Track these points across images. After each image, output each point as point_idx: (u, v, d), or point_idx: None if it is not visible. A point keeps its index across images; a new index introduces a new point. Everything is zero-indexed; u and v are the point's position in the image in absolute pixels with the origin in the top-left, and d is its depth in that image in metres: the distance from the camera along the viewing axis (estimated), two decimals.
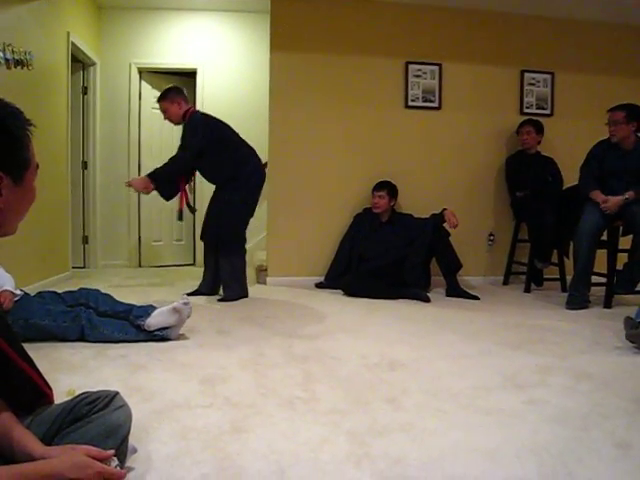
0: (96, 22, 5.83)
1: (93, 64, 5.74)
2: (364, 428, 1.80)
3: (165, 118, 4.19)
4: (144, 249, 6.15)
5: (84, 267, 5.81)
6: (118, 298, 3.03)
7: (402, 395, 2.12)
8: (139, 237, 6.11)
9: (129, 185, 4.10)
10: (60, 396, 1.46)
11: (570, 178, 4.69)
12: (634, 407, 2.02)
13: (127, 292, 4.02)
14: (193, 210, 4.59)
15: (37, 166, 1.16)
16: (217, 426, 1.79)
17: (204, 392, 2.12)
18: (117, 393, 1.39)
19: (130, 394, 1.93)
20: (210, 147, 4.05)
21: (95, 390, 1.40)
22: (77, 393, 1.39)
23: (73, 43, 5.04)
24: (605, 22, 5.34)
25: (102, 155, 5.91)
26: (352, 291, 4.39)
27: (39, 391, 1.28)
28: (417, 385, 2.25)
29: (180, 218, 4.36)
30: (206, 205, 4.32)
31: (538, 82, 5.31)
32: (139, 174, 6.01)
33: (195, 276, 5.39)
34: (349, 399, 2.07)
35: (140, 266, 6.10)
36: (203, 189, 5.85)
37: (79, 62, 5.55)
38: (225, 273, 4.19)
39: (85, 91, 5.76)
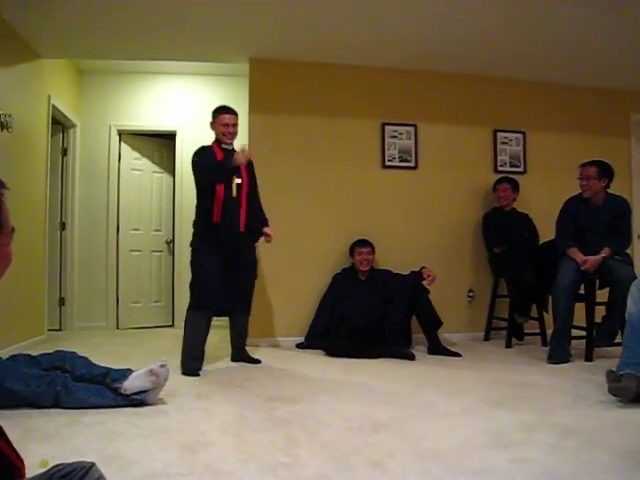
0: (77, 85, 5.93)
1: (73, 126, 5.80)
2: None
3: (231, 132, 3.92)
4: (122, 311, 6.05)
5: (60, 329, 5.68)
6: (95, 361, 2.96)
7: (387, 458, 2.07)
8: (117, 298, 6.02)
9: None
10: (32, 468, 1.40)
11: (545, 233, 4.78)
12: (621, 463, 2.00)
13: (104, 355, 3.93)
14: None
15: (13, 230, 1.14)
16: None
17: (184, 459, 2.05)
18: (93, 464, 1.33)
19: (106, 463, 1.86)
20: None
21: (70, 462, 1.34)
22: (50, 464, 1.34)
23: (54, 105, 5.11)
24: (572, 85, 5.60)
25: (81, 216, 5.89)
26: (333, 351, 4.34)
27: (10, 465, 1.23)
28: (402, 447, 2.21)
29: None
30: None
31: (511, 141, 5.48)
32: (117, 235, 6.01)
33: (174, 338, 5.30)
34: (333, 464, 2.02)
35: (118, 328, 5.98)
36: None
37: (59, 124, 5.61)
38: (245, 333, 4.16)
39: (65, 152, 5.79)
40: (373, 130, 5.21)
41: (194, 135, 6.12)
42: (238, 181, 3.92)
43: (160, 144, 6.43)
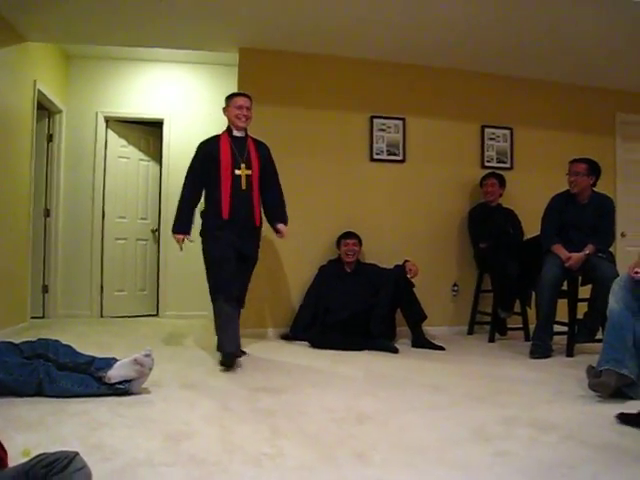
0: (64, 70, 5.85)
1: (59, 112, 5.73)
2: None
3: (245, 114, 3.91)
4: (106, 299, 6.01)
5: (43, 317, 5.64)
6: (79, 350, 2.94)
7: (371, 450, 2.09)
8: (101, 286, 5.98)
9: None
10: (15, 457, 1.40)
11: (530, 229, 4.82)
12: (598, 456, 2.03)
13: (88, 344, 3.91)
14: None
15: None
16: None
17: (168, 449, 2.06)
18: (76, 454, 1.33)
19: (90, 452, 1.86)
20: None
21: (53, 451, 1.34)
22: (33, 453, 1.33)
23: (39, 91, 5.04)
24: (560, 83, 5.65)
25: (65, 203, 5.83)
26: (319, 343, 4.36)
27: None
28: (385, 439, 2.22)
29: None
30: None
31: (498, 137, 5.51)
32: (103, 223, 5.95)
33: (158, 327, 5.29)
34: (317, 455, 2.03)
35: (102, 316, 5.94)
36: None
37: (45, 109, 5.54)
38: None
39: (50, 138, 5.72)
40: (361, 123, 5.21)
41: (181, 123, 6.10)
42: (248, 172, 3.84)
43: (147, 132, 6.38)
